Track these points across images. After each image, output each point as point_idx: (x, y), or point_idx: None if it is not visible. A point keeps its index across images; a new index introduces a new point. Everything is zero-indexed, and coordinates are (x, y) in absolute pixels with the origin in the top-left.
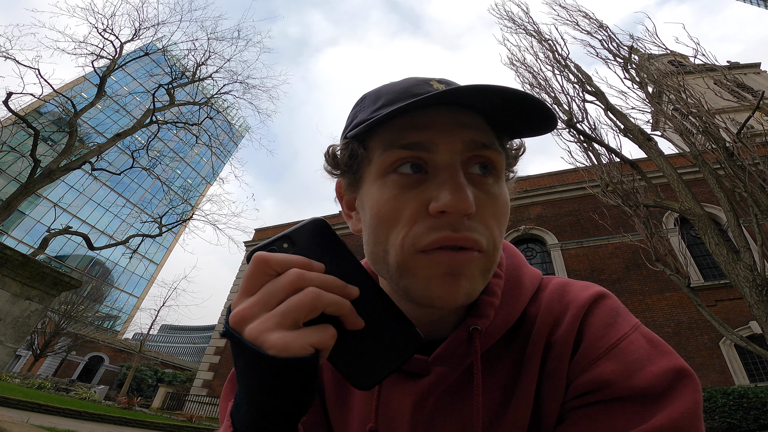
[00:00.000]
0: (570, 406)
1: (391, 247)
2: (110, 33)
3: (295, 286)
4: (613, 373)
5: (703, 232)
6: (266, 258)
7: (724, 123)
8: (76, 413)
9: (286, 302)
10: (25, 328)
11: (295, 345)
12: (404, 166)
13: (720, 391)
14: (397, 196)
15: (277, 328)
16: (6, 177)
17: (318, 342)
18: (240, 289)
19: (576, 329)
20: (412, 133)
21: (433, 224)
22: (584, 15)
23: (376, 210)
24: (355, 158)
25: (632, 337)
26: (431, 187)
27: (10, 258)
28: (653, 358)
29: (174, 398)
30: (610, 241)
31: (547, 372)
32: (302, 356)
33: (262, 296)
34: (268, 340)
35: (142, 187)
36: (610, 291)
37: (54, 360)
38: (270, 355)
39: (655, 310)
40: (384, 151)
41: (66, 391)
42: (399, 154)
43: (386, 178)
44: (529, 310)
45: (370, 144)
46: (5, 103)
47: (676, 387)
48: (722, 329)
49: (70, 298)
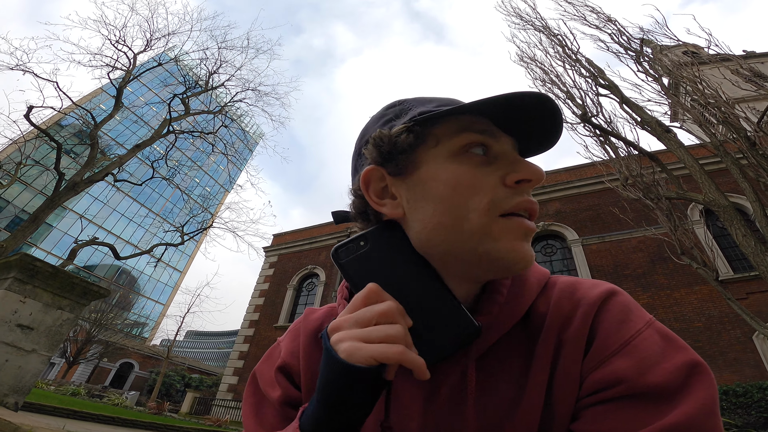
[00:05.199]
0: (584, 403)
1: (472, 212)
2: (123, 44)
3: (386, 316)
4: (627, 370)
5: (729, 223)
6: (376, 290)
7: (744, 113)
8: (110, 419)
9: (374, 328)
10: (58, 336)
11: (359, 354)
12: (476, 147)
13: (756, 386)
14: (474, 169)
15: (352, 339)
16: (32, 190)
17: (381, 356)
18: (348, 306)
19: (588, 326)
20: (480, 123)
21: (514, 191)
22: (591, 9)
23: (454, 181)
24: (420, 140)
25: (646, 333)
26: (502, 165)
27: (41, 269)
28: (667, 354)
29: (201, 403)
30: (633, 235)
31: (559, 369)
32: (364, 366)
33: (357, 315)
34: (342, 346)
35: (163, 197)
36: (637, 286)
37: (87, 367)
38: (338, 357)
39: (684, 304)
40: (458, 133)
41: (99, 397)
42: (473, 137)
43: (461, 156)
44: (538, 307)
45: (433, 130)
46: (27, 116)
47: (690, 383)
48: (754, 323)
49: (99, 307)
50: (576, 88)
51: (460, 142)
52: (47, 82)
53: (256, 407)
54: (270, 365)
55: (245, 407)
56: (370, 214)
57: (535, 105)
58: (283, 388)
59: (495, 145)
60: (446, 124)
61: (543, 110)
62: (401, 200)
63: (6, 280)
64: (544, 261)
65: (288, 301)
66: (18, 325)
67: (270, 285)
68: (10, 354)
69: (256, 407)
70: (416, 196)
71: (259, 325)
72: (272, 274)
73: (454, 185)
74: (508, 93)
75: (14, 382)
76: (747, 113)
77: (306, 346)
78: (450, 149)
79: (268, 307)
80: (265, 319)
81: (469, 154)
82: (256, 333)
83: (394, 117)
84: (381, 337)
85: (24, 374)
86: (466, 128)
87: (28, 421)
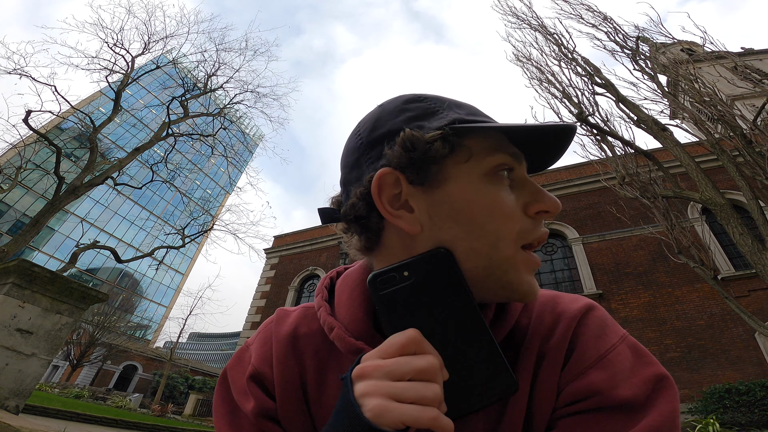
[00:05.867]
0: (560, 413)
1: (502, 240)
2: (121, 47)
3: (425, 374)
4: (601, 383)
5: (726, 221)
6: (418, 339)
7: (739, 110)
8: (113, 421)
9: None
10: (57, 341)
11: (389, 417)
12: (504, 171)
13: (758, 385)
14: (506, 194)
15: (381, 396)
16: (33, 194)
17: (413, 421)
18: (380, 349)
19: (568, 339)
20: (511, 146)
21: (535, 222)
22: (587, 8)
23: (492, 206)
24: (452, 151)
25: (619, 348)
26: (524, 193)
27: (39, 275)
28: (637, 368)
29: (204, 405)
30: (633, 233)
31: (539, 380)
32: (391, 430)
33: (392, 366)
34: (369, 404)
35: (164, 200)
36: (638, 284)
37: (91, 370)
38: (363, 417)
39: (686, 302)
40: (493, 153)
41: (103, 400)
42: (505, 159)
43: (494, 178)
44: (521, 321)
45: (465, 142)
46: (25, 121)
47: (656, 396)
48: (752, 322)
49: (102, 310)
50: (572, 87)
51: (494, 161)
52: (45, 86)
53: (230, 416)
54: (241, 371)
55: (218, 414)
56: (373, 224)
57: (558, 134)
58: (257, 400)
59: (518, 170)
60: (478, 139)
61: (563, 139)
62: (419, 214)
63: (5, 285)
64: (545, 260)
65: (289, 302)
66: (17, 330)
67: (271, 286)
68: (10, 358)
69: (231, 416)
70: (442, 214)
71: None
72: (273, 276)
73: (491, 210)
74: (545, 124)
75: (14, 385)
76: (743, 111)
77: (279, 354)
78: (484, 168)
79: (270, 308)
80: None
81: (499, 176)
82: None
83: (421, 116)
84: (415, 398)
85: (24, 378)
86: (499, 148)
87: (29, 425)
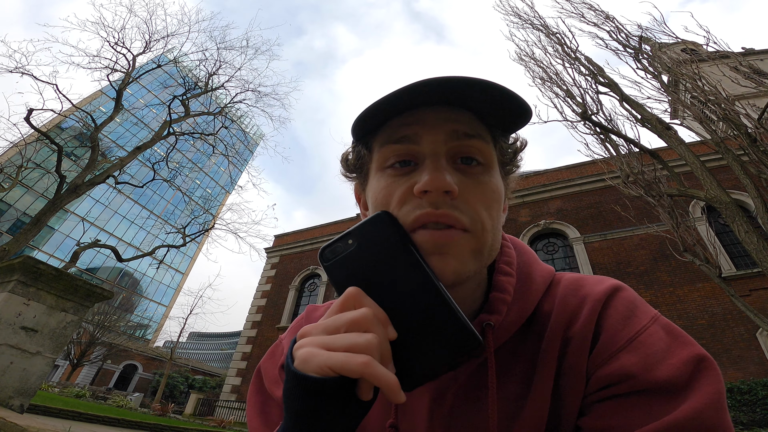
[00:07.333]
0: (592, 399)
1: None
2: (122, 46)
3: (357, 324)
4: (634, 366)
5: (731, 220)
6: (355, 294)
7: (744, 109)
8: (115, 421)
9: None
10: (62, 338)
11: (313, 362)
12: (396, 162)
13: (760, 383)
14: (390, 183)
15: (312, 345)
16: (33, 194)
17: (339, 366)
18: (327, 312)
19: (594, 323)
20: (402, 129)
21: (417, 203)
22: (589, 7)
23: (374, 198)
24: (360, 159)
25: (651, 329)
26: (417, 173)
27: (44, 272)
28: (673, 349)
29: (205, 404)
30: (635, 233)
31: (565, 366)
32: (317, 376)
33: (327, 321)
34: (299, 353)
35: (165, 199)
36: (639, 284)
37: (91, 369)
38: (291, 364)
39: (687, 301)
40: (381, 147)
41: (104, 399)
42: (392, 149)
43: (384, 171)
44: (543, 306)
45: (371, 145)
46: (27, 119)
47: (697, 378)
48: (758, 320)
49: (102, 309)
50: (575, 86)
51: (382, 156)
52: (47, 85)
53: (261, 406)
54: (273, 363)
55: (250, 406)
56: None
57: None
58: None
59: (418, 150)
60: (377, 137)
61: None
62: (370, 210)
63: (9, 282)
64: (546, 259)
65: (290, 301)
66: (22, 328)
67: (272, 286)
68: (15, 356)
69: (261, 406)
70: (371, 207)
71: (262, 326)
72: (274, 275)
73: (374, 202)
74: (407, 86)
75: (19, 384)
76: (747, 110)
77: None
78: (377, 164)
79: (271, 307)
80: (268, 320)
81: (390, 168)
82: (259, 334)
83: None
84: (345, 345)
85: (29, 376)
86: (387, 140)
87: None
